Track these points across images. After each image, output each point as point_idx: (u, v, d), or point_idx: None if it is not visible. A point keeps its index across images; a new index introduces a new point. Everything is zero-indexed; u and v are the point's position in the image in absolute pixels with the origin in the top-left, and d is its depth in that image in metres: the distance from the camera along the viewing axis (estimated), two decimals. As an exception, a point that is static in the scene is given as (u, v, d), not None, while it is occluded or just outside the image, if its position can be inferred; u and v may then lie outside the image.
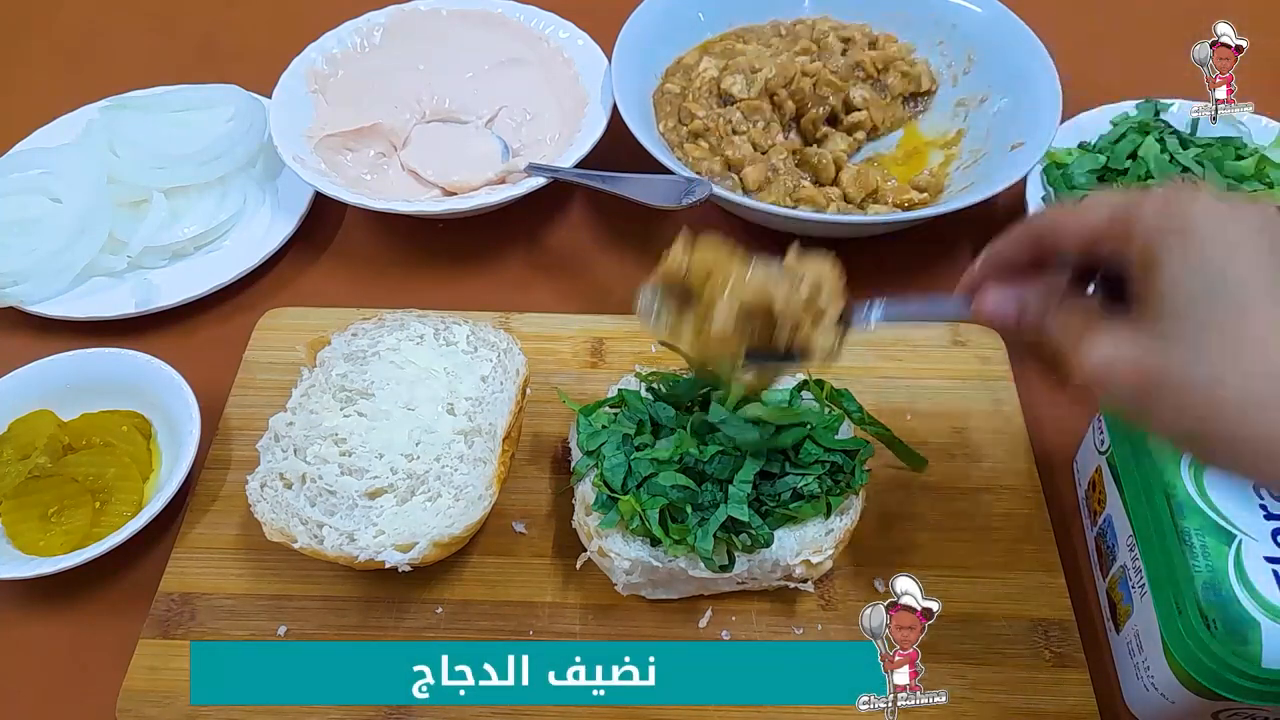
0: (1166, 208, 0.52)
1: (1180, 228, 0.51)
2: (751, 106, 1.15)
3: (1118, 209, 0.55)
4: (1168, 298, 0.52)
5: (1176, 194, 0.53)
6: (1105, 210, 0.56)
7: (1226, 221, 0.51)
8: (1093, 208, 0.57)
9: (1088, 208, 0.57)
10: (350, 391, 0.86)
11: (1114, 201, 0.56)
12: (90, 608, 0.84)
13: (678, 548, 0.74)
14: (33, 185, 1.11)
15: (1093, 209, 0.57)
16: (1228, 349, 0.50)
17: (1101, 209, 0.56)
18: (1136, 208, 0.54)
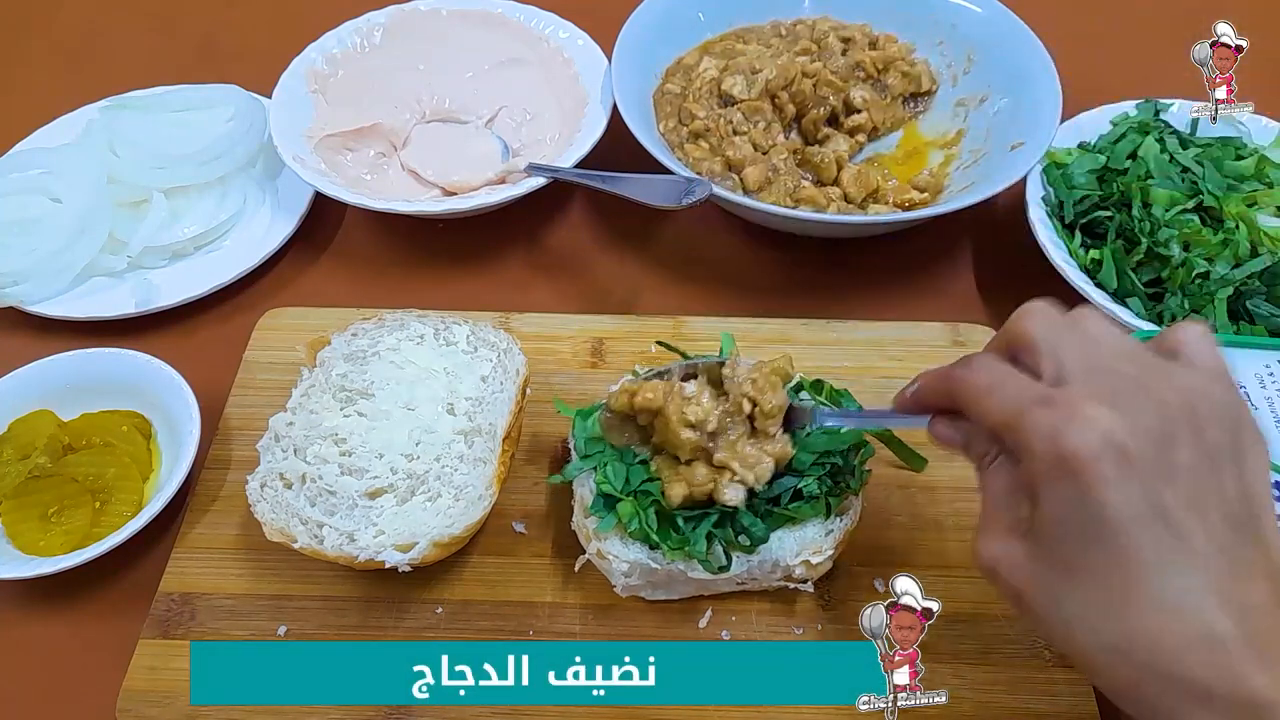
0: (1054, 445, 0.51)
1: (1069, 471, 0.50)
2: (752, 107, 1.15)
3: (1010, 418, 0.54)
4: (1048, 527, 0.53)
5: (1067, 426, 0.50)
6: (997, 415, 0.55)
7: (1116, 463, 0.49)
8: (989, 400, 0.56)
9: (984, 397, 0.57)
10: (350, 391, 0.86)
11: (1006, 407, 0.55)
12: (90, 608, 0.84)
13: (676, 553, 0.74)
14: (33, 185, 1.11)
15: (989, 402, 0.56)
16: (1091, 601, 0.52)
17: (994, 410, 0.56)
18: (1026, 433, 0.53)
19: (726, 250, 1.14)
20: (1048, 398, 0.53)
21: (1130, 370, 0.53)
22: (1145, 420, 0.50)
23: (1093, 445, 0.49)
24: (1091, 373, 0.54)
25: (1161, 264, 0.96)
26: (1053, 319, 0.58)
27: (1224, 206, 0.98)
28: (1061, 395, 0.53)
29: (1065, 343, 0.56)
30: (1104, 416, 0.50)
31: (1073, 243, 1.01)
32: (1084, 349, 0.55)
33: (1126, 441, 0.49)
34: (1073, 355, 0.55)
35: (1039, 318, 0.58)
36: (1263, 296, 0.94)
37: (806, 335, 1.00)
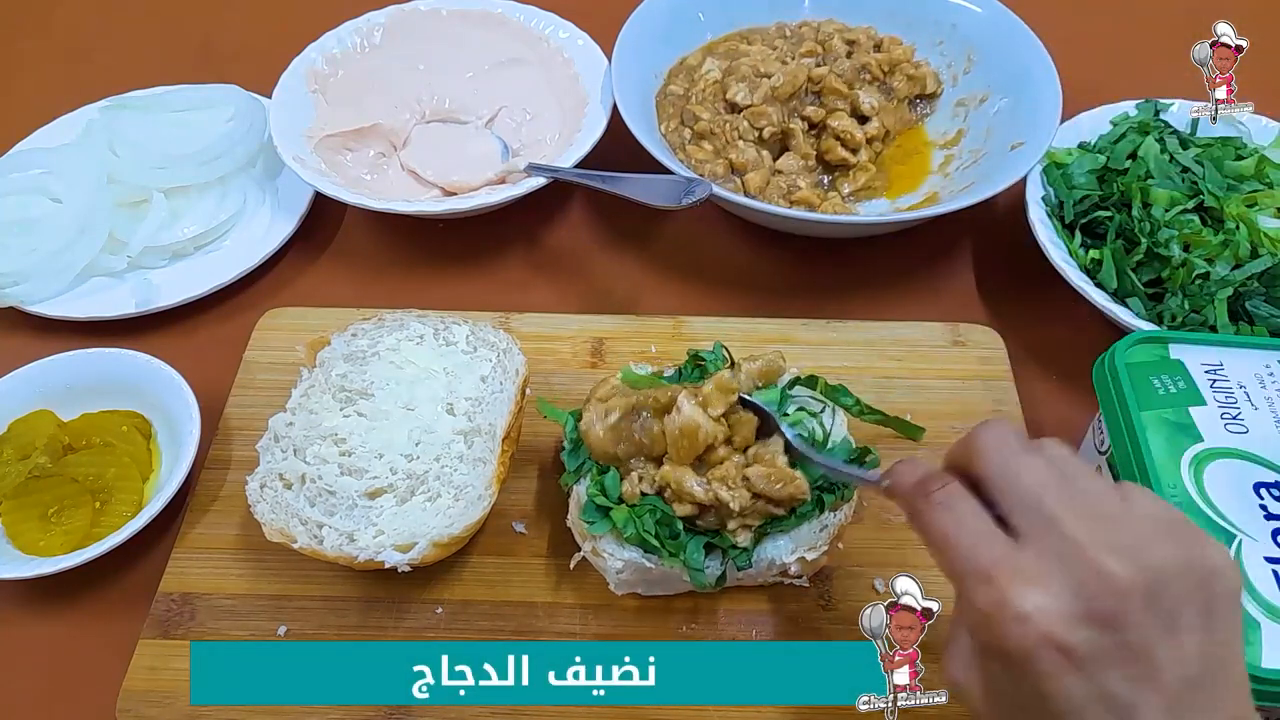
0: (989, 634, 0.50)
1: (1005, 660, 0.50)
2: (757, 113, 1.14)
3: (955, 578, 0.54)
4: (992, 690, 0.53)
5: (1003, 617, 0.49)
6: (946, 569, 0.55)
7: (1054, 659, 0.48)
8: (942, 551, 0.55)
9: (939, 544, 0.56)
10: (350, 392, 0.86)
11: (954, 566, 0.54)
12: (90, 608, 0.84)
13: (673, 560, 0.74)
14: (33, 185, 1.12)
15: (942, 554, 0.55)
16: None
17: (943, 564, 0.55)
18: (967, 607, 0.52)
19: (726, 250, 1.14)
20: (988, 575, 0.51)
21: (1085, 529, 0.51)
22: (1092, 604, 0.49)
23: (1026, 643, 0.49)
24: (1044, 531, 0.51)
25: (1161, 264, 0.96)
26: (1005, 450, 0.56)
27: (1224, 207, 0.98)
28: (1002, 574, 0.51)
29: (1017, 484, 0.54)
30: (1041, 609, 0.49)
31: (1073, 243, 1.01)
32: (1039, 496, 0.53)
33: (1067, 638, 0.48)
34: (1023, 503, 0.53)
35: (989, 447, 0.56)
36: (1262, 297, 0.94)
37: (806, 335, 1.00)
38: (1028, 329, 1.04)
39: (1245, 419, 0.76)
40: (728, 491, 0.73)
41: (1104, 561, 0.49)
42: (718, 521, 0.75)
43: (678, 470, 0.74)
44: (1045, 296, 1.04)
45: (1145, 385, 0.78)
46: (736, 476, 0.73)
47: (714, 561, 0.76)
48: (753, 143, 1.14)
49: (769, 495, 0.74)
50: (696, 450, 0.74)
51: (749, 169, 1.11)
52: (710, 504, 0.73)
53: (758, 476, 0.73)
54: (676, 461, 0.74)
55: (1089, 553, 0.50)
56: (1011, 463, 0.55)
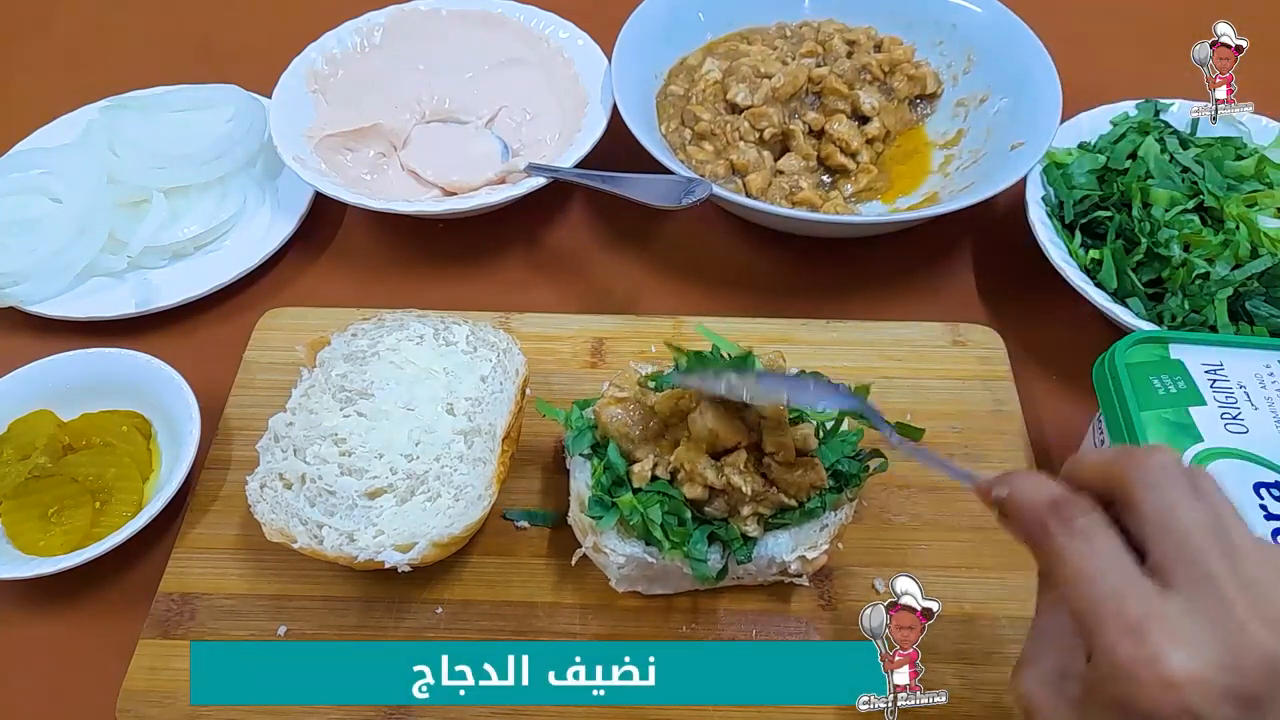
0: (1123, 696, 0.46)
1: (1129, 710, 0.46)
2: (758, 114, 1.14)
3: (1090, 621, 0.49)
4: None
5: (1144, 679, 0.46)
6: (1078, 606, 0.50)
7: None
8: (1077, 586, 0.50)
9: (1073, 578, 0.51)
10: (350, 392, 0.86)
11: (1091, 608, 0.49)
12: (90, 608, 0.84)
13: (674, 551, 0.74)
14: (33, 185, 1.12)
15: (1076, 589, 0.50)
16: None
17: (1076, 600, 0.50)
18: (1100, 654, 0.48)
19: (726, 250, 1.14)
20: (1135, 626, 0.47)
21: (1240, 589, 0.47)
22: (1240, 679, 0.45)
23: (1166, 711, 0.45)
24: (1199, 585, 0.47)
25: (1161, 264, 0.96)
26: (1171, 485, 0.51)
27: (1224, 207, 0.98)
28: (1150, 630, 0.46)
29: (1178, 526, 0.49)
30: (1191, 678, 0.45)
31: (1073, 243, 1.01)
32: (1199, 546, 0.48)
33: (1205, 710, 0.45)
34: (1182, 550, 0.49)
35: (1153, 476, 0.51)
36: (1262, 297, 0.94)
37: (806, 335, 1.00)
38: (1028, 329, 1.04)
39: (1245, 419, 0.76)
40: (739, 476, 0.73)
41: (1259, 634, 0.46)
42: (726, 509, 0.74)
43: (692, 451, 0.74)
44: (1045, 296, 1.04)
45: (1145, 385, 0.78)
46: (749, 463, 0.74)
47: (715, 553, 0.76)
48: (753, 144, 1.14)
49: (787, 480, 0.74)
50: (717, 448, 0.75)
51: (750, 170, 1.11)
52: (721, 488, 0.73)
53: (780, 454, 0.74)
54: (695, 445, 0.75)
55: (1246, 622, 0.46)
56: (1177, 503, 0.50)
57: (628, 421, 0.77)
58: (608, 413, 0.78)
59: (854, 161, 1.14)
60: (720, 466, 0.73)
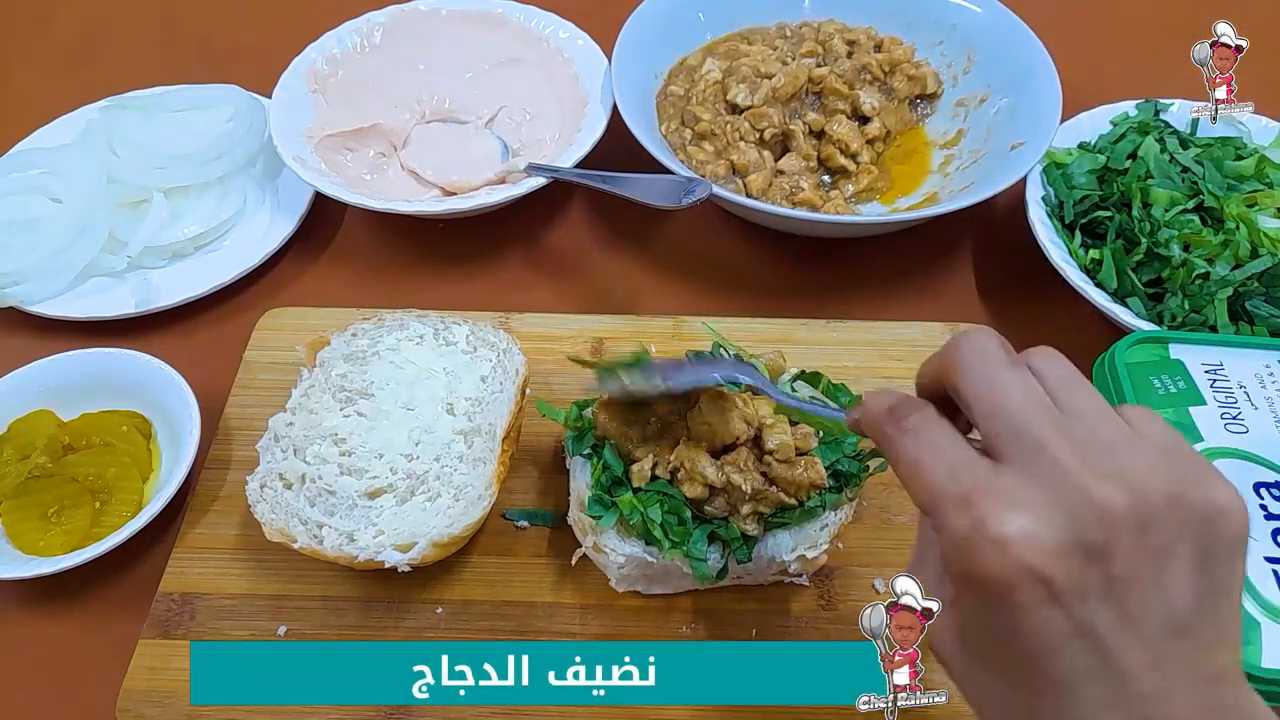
0: (964, 563, 0.47)
1: (980, 591, 0.46)
2: (758, 114, 1.14)
3: (928, 504, 0.49)
4: (966, 622, 0.50)
5: (980, 542, 0.46)
6: (918, 496, 0.50)
7: (1033, 589, 0.45)
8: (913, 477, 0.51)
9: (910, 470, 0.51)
10: (350, 392, 0.86)
11: (927, 492, 0.49)
12: (90, 608, 0.84)
13: (674, 550, 0.74)
14: (33, 185, 1.11)
15: (914, 481, 0.51)
16: (1006, 702, 0.49)
17: (916, 490, 0.51)
18: (941, 531, 0.48)
19: (726, 250, 1.14)
20: (966, 498, 0.47)
21: (1074, 452, 0.47)
22: (1078, 532, 0.45)
23: (1006, 572, 0.45)
24: (1031, 454, 0.47)
25: (1161, 264, 0.96)
26: (990, 364, 0.50)
27: (1224, 207, 0.98)
28: (982, 497, 0.46)
29: (1003, 403, 0.49)
30: (1022, 535, 0.45)
31: (1073, 243, 1.01)
32: (1027, 416, 0.48)
33: (1047, 566, 0.44)
34: (1010, 425, 0.48)
35: (973, 361, 0.51)
36: (1262, 297, 0.94)
37: (806, 335, 1.00)
38: (1028, 329, 1.04)
39: (1245, 419, 0.76)
40: (739, 474, 0.73)
41: (1094, 488, 0.45)
42: (726, 508, 0.74)
43: (692, 450, 0.74)
44: (1045, 296, 1.04)
45: (1145, 385, 0.78)
46: (749, 461, 0.74)
47: (715, 553, 0.76)
48: (754, 144, 1.14)
49: (787, 479, 0.74)
50: (718, 444, 0.75)
51: (750, 170, 1.11)
52: (722, 486, 0.73)
53: (779, 451, 0.74)
54: (694, 443, 0.75)
55: (1079, 479, 0.46)
56: (996, 380, 0.50)
57: (623, 419, 0.77)
58: (602, 416, 0.78)
59: (854, 162, 1.14)
60: (720, 465, 0.74)
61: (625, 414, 0.78)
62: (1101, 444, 0.47)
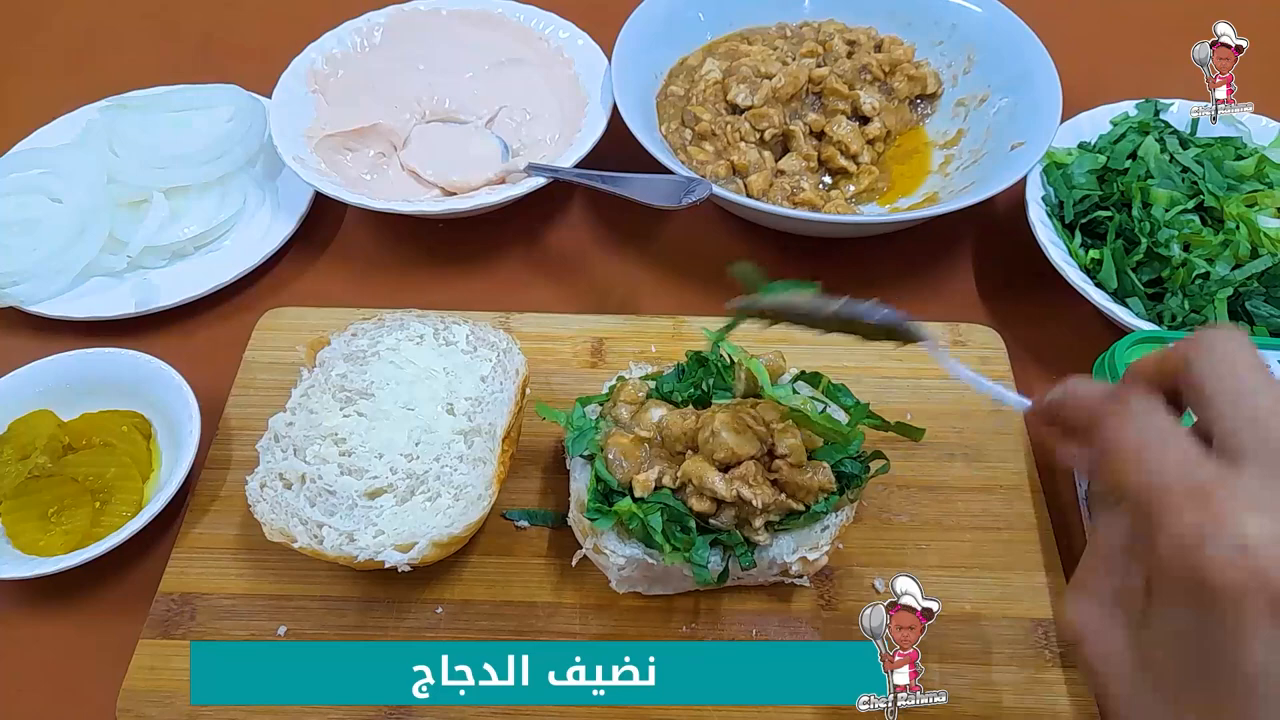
0: (1191, 565, 0.41)
1: (1204, 601, 0.41)
2: (759, 114, 1.14)
3: (1149, 498, 0.44)
4: (1163, 640, 0.44)
5: (1214, 545, 0.40)
6: (1134, 485, 0.45)
7: (1268, 608, 0.39)
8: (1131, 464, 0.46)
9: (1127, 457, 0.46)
10: (350, 392, 0.86)
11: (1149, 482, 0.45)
12: (90, 608, 0.84)
13: (675, 555, 0.74)
14: (33, 185, 1.11)
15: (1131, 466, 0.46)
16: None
17: (1132, 479, 0.46)
18: (1163, 529, 0.43)
19: (726, 250, 1.14)
20: (1202, 492, 0.42)
21: None
22: None
23: (1238, 581, 0.39)
24: (1274, 457, 0.42)
25: (1161, 264, 0.96)
26: (1240, 362, 0.46)
27: (1224, 207, 0.98)
28: (1221, 494, 0.41)
29: (1249, 402, 0.44)
30: (1265, 541, 0.39)
31: (1073, 243, 1.01)
32: (1272, 416, 0.44)
33: None
34: (1255, 423, 0.44)
35: (1220, 357, 0.46)
36: (1262, 297, 0.94)
37: (806, 335, 0.99)
38: (1028, 329, 1.04)
39: (1245, 419, 0.76)
40: (749, 489, 0.73)
41: None
42: (733, 521, 0.75)
43: (700, 465, 0.74)
44: (1045, 296, 1.04)
45: (1145, 385, 0.78)
46: (758, 474, 0.73)
47: (716, 556, 0.76)
48: (754, 144, 1.14)
49: (797, 484, 0.74)
50: (731, 461, 0.75)
51: (751, 171, 1.11)
52: (731, 501, 0.73)
53: (792, 455, 0.74)
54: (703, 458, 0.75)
55: None
56: (1244, 375, 0.45)
57: (639, 456, 0.77)
58: (617, 448, 0.77)
59: (855, 163, 1.14)
60: (730, 480, 0.73)
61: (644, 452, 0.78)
62: None
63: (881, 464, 0.81)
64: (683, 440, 0.76)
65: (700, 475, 0.73)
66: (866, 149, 1.15)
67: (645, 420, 0.79)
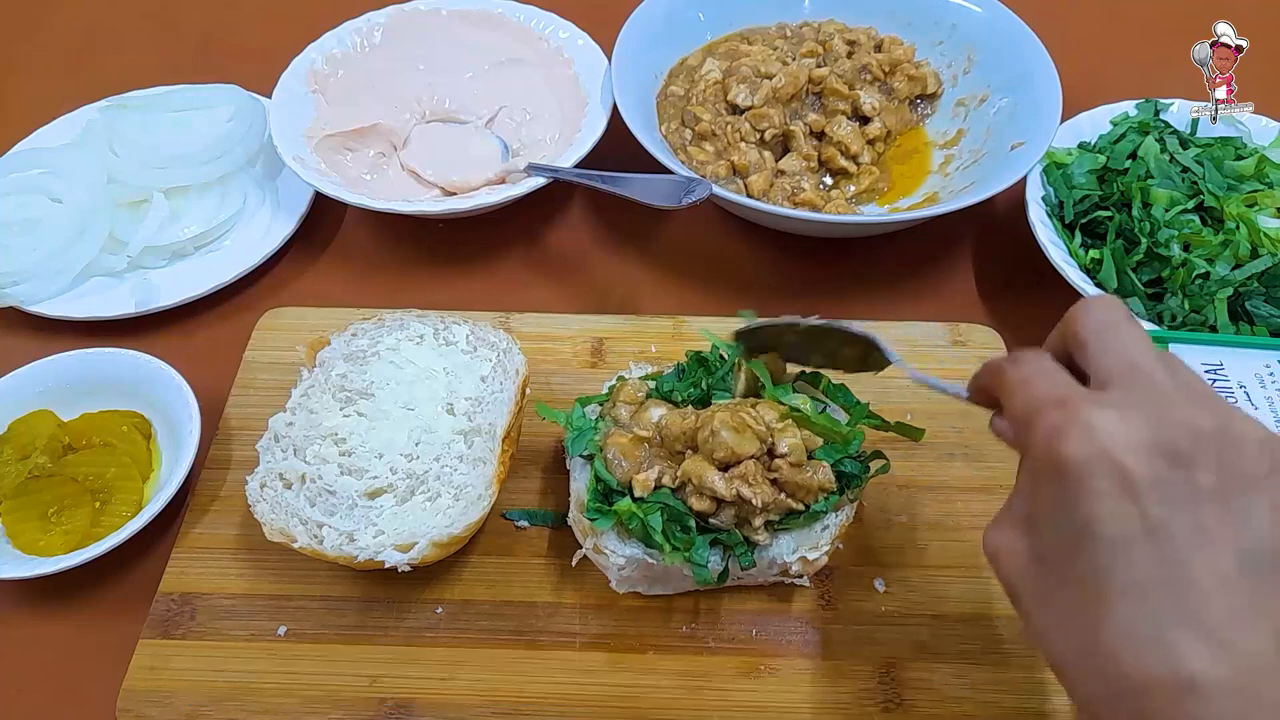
0: (1048, 447, 0.49)
1: (1059, 476, 0.48)
2: (759, 115, 1.14)
3: (1026, 414, 0.52)
4: (1041, 527, 0.51)
5: (1067, 429, 0.48)
6: (1018, 410, 0.54)
7: (1110, 476, 0.46)
8: (1017, 394, 0.55)
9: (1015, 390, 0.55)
10: (350, 392, 0.86)
11: (1027, 404, 0.53)
12: (90, 608, 0.84)
13: (675, 555, 0.74)
14: (33, 185, 1.11)
15: (1016, 396, 0.54)
16: (1068, 610, 0.49)
17: (1016, 405, 0.54)
18: (1032, 430, 0.51)
19: (726, 250, 1.14)
20: (1063, 399, 0.50)
21: (1175, 386, 0.49)
22: (1166, 435, 0.46)
23: (1085, 454, 0.46)
24: (1134, 381, 0.50)
25: (1161, 264, 0.96)
26: (1112, 317, 0.54)
27: (1224, 207, 0.98)
28: (1079, 398, 0.50)
29: (1117, 344, 0.52)
30: (1110, 426, 0.47)
31: (1073, 243, 1.01)
32: (1136, 355, 0.51)
33: (1127, 457, 0.46)
34: (1120, 359, 0.51)
35: (1096, 314, 0.54)
36: (1262, 297, 0.94)
37: (806, 335, 1.00)
38: (1028, 329, 1.04)
39: (1245, 419, 0.76)
40: (749, 488, 0.73)
41: (1188, 409, 0.47)
42: (733, 520, 0.74)
43: (699, 464, 0.74)
44: (1045, 296, 1.04)
45: (1145, 385, 0.78)
46: (758, 473, 0.73)
47: (715, 556, 0.76)
48: (754, 144, 1.14)
49: (797, 483, 0.74)
50: (731, 460, 0.74)
51: (751, 171, 1.11)
52: (731, 500, 0.73)
53: (792, 455, 0.74)
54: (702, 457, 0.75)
55: (1174, 399, 0.48)
56: (1118, 326, 0.53)
57: (639, 456, 0.77)
58: (616, 447, 0.77)
59: (855, 164, 1.14)
60: (729, 479, 0.73)
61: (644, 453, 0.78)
62: (1200, 389, 0.50)
63: (881, 464, 0.81)
64: (682, 440, 0.76)
65: (700, 474, 0.73)
66: (867, 149, 1.15)
67: (645, 420, 0.78)
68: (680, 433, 0.76)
